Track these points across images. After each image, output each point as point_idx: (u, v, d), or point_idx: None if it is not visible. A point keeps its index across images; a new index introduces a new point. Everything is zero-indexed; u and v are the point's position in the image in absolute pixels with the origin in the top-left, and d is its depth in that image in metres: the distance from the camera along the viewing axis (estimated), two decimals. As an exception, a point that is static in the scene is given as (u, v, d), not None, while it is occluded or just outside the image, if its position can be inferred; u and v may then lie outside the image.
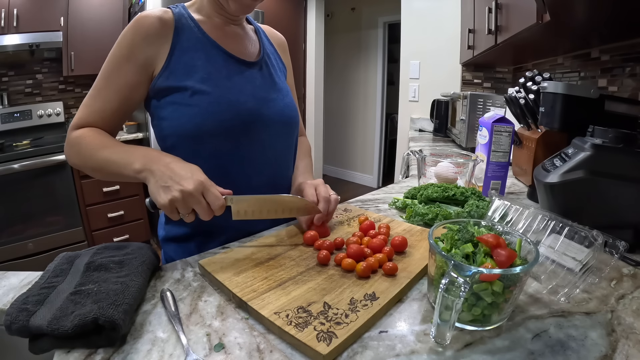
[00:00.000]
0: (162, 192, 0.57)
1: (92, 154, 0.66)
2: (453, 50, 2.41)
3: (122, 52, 0.67)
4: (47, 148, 2.29)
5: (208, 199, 0.58)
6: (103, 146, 0.66)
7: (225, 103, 0.70)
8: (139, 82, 0.69)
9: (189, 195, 0.56)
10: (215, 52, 0.72)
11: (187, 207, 0.57)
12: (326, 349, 0.40)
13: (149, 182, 0.59)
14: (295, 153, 0.88)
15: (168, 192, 0.56)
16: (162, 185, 0.57)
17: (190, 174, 0.58)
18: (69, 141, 0.69)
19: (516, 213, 0.63)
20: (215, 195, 0.58)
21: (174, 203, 0.56)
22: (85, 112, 0.69)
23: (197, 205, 0.57)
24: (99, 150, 0.65)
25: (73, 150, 0.68)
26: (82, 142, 0.67)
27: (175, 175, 0.58)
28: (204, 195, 0.58)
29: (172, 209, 0.57)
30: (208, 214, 0.58)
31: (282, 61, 0.89)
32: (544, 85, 0.89)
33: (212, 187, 0.59)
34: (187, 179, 0.57)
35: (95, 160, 0.66)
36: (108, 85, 0.68)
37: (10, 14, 2.26)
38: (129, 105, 0.71)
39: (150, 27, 0.67)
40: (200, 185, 0.57)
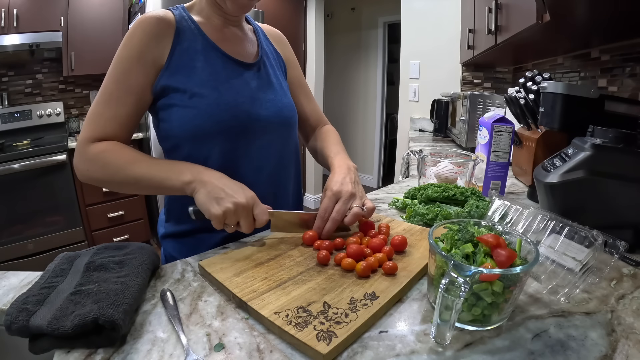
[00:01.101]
0: (215, 202, 0.60)
1: (124, 168, 0.65)
2: (453, 50, 2.41)
3: (131, 53, 0.67)
4: (47, 148, 2.29)
5: (255, 214, 0.62)
6: (136, 160, 0.66)
7: (223, 105, 0.70)
8: (149, 82, 0.69)
9: (242, 208, 0.60)
10: (214, 54, 0.73)
11: (236, 219, 0.61)
12: (326, 348, 0.40)
13: (198, 192, 0.62)
14: (296, 152, 0.88)
15: (222, 204, 0.60)
16: (215, 196, 0.60)
17: (242, 189, 0.63)
18: (87, 155, 0.66)
19: (516, 213, 0.63)
20: (263, 210, 0.63)
21: (226, 215, 0.60)
22: (100, 121, 0.67)
23: (245, 218, 0.61)
24: (132, 165, 0.65)
25: (96, 164, 0.66)
26: (109, 156, 0.65)
27: (228, 188, 0.62)
28: (253, 209, 0.62)
29: (222, 220, 0.60)
30: (251, 228, 0.63)
31: (282, 59, 0.89)
32: (544, 85, 0.89)
33: (260, 203, 0.63)
34: (240, 193, 0.61)
35: (127, 174, 0.65)
36: (119, 88, 0.67)
37: (10, 14, 2.26)
38: (141, 107, 0.70)
39: (156, 27, 0.68)
40: (251, 200, 0.62)
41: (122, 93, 0.67)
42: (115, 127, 0.68)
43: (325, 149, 0.86)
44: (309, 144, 0.97)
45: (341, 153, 0.82)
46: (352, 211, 0.68)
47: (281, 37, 0.93)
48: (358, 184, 0.74)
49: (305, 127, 0.96)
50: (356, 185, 0.72)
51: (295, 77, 0.92)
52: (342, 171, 0.74)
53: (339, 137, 0.92)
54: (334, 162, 0.78)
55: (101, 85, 0.68)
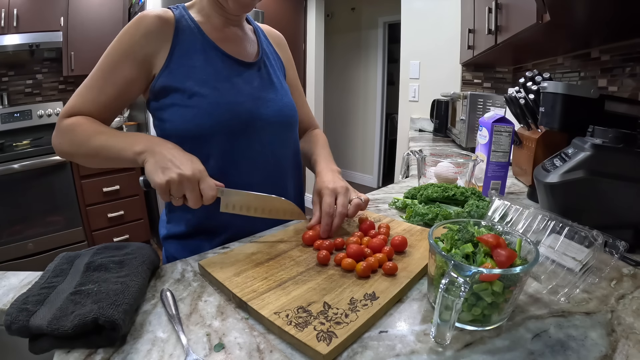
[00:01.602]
0: (160, 172, 0.58)
1: (88, 140, 0.66)
2: (453, 50, 2.41)
3: (121, 46, 0.68)
4: (47, 148, 2.29)
5: (201, 187, 0.60)
6: (99, 132, 0.66)
7: (223, 104, 0.70)
8: (135, 78, 0.69)
9: (186, 179, 0.58)
10: (214, 53, 0.73)
11: (181, 191, 0.59)
12: (326, 348, 0.40)
13: (147, 162, 0.61)
14: (297, 151, 0.88)
15: (166, 173, 0.58)
16: (161, 165, 0.59)
17: (190, 161, 0.60)
18: (60, 128, 0.68)
19: (516, 213, 0.63)
20: (210, 185, 0.60)
21: (169, 184, 0.58)
22: (79, 100, 0.69)
23: (190, 191, 0.59)
24: (95, 136, 0.66)
25: (65, 137, 0.68)
26: (77, 129, 0.67)
27: (176, 159, 0.60)
28: (199, 183, 0.60)
29: (165, 190, 0.58)
30: (197, 202, 0.60)
31: (281, 59, 0.89)
32: (544, 85, 0.89)
33: (208, 178, 0.61)
34: (187, 164, 0.59)
35: (90, 146, 0.66)
36: (104, 77, 0.69)
37: (10, 14, 2.26)
38: (123, 100, 0.71)
39: (151, 25, 0.68)
40: (198, 173, 0.60)
41: (105, 83, 0.69)
42: (91, 109, 0.69)
43: (311, 152, 0.88)
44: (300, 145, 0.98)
45: (327, 156, 0.85)
46: (354, 202, 0.70)
47: (281, 39, 0.93)
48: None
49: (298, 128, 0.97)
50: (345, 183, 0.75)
51: (292, 80, 0.92)
52: (328, 172, 0.77)
53: (327, 141, 0.95)
54: (320, 166, 0.81)
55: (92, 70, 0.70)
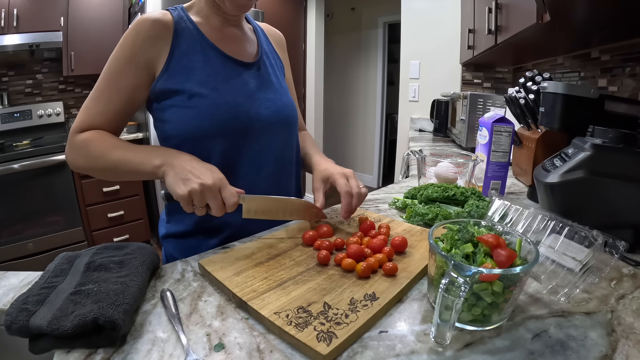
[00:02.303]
0: (181, 183, 0.60)
1: (104, 154, 0.67)
2: (453, 50, 2.41)
3: (123, 54, 0.68)
4: (47, 148, 2.29)
5: (223, 195, 0.61)
6: (115, 146, 0.67)
7: (223, 105, 0.71)
8: (140, 83, 0.70)
9: (208, 189, 0.60)
10: (213, 54, 0.73)
11: (203, 201, 0.60)
12: (326, 349, 0.40)
13: (167, 175, 0.62)
14: (297, 151, 0.88)
15: (188, 184, 0.59)
16: (182, 177, 0.60)
17: (210, 170, 0.62)
18: (74, 144, 0.69)
19: (516, 213, 0.63)
20: (231, 192, 0.62)
21: (191, 195, 0.59)
22: (88, 114, 0.70)
23: (212, 200, 0.60)
24: (112, 151, 0.67)
25: (80, 152, 0.68)
26: (91, 144, 0.67)
27: (196, 170, 0.61)
28: (220, 191, 0.61)
29: (188, 201, 0.60)
30: (221, 210, 0.61)
31: (281, 59, 0.89)
32: (544, 85, 0.89)
33: (228, 185, 0.62)
34: (207, 174, 0.61)
35: (107, 160, 0.67)
36: (110, 87, 0.69)
37: (10, 14, 2.26)
38: (131, 107, 0.72)
39: (151, 29, 0.68)
40: (219, 182, 0.61)
41: (111, 92, 0.69)
42: (102, 122, 0.70)
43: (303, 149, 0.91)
44: None
45: (320, 152, 0.89)
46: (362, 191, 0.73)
47: (281, 38, 0.93)
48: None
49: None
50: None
51: (287, 81, 0.92)
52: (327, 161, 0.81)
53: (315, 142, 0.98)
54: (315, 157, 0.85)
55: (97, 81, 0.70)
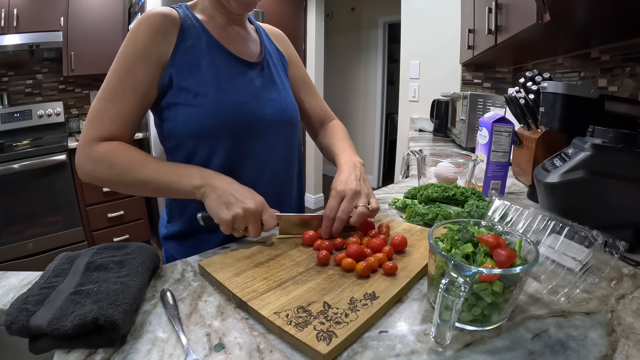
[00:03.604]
0: (224, 207, 0.61)
1: (131, 170, 0.64)
2: (453, 50, 2.41)
3: (135, 49, 0.66)
4: (47, 148, 2.29)
5: (264, 219, 0.63)
6: (144, 161, 0.65)
7: (227, 104, 0.70)
8: (153, 79, 0.68)
9: (251, 213, 0.61)
10: (218, 52, 0.73)
11: (245, 224, 0.62)
12: (326, 348, 0.40)
13: (208, 197, 0.62)
14: (299, 151, 0.88)
15: (231, 209, 0.60)
16: (224, 201, 0.61)
17: (251, 194, 0.63)
18: (92, 155, 0.65)
19: (516, 213, 0.63)
20: (272, 215, 0.63)
21: (235, 219, 0.60)
22: (105, 120, 0.66)
23: (253, 224, 0.62)
24: (140, 166, 0.65)
25: (101, 165, 0.65)
26: (117, 156, 0.65)
27: (238, 193, 0.62)
28: (262, 215, 0.63)
29: (231, 225, 0.61)
30: (258, 233, 0.63)
31: (284, 57, 0.89)
32: (544, 85, 0.89)
33: (269, 208, 0.64)
34: (249, 198, 0.62)
35: (134, 176, 0.65)
36: (124, 86, 0.66)
37: (10, 14, 2.26)
38: (145, 105, 0.69)
39: (161, 23, 0.68)
40: (260, 206, 0.63)
41: (127, 90, 0.66)
42: (120, 125, 0.66)
43: (332, 146, 0.86)
44: (317, 140, 0.97)
45: (347, 149, 0.81)
46: (358, 211, 0.67)
47: (282, 35, 0.93)
48: (365, 180, 0.73)
49: (312, 123, 0.96)
50: (362, 183, 0.71)
51: (299, 75, 0.91)
52: (347, 169, 0.73)
53: (346, 131, 0.92)
54: (340, 160, 0.78)
55: (104, 82, 0.67)
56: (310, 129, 0.98)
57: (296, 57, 0.93)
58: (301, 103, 0.91)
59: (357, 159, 0.78)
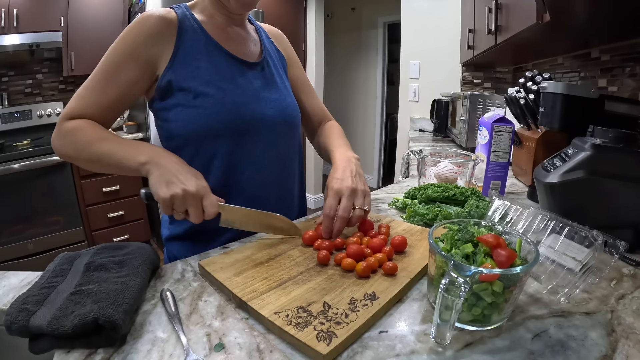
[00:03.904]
0: (164, 186, 0.59)
1: (90, 145, 0.65)
2: (453, 50, 2.41)
3: (124, 47, 0.68)
4: (47, 148, 2.29)
5: (204, 204, 0.61)
6: (102, 138, 0.66)
7: (228, 104, 0.70)
8: (138, 79, 0.69)
9: (191, 196, 0.59)
10: (217, 53, 0.73)
11: (184, 206, 0.60)
12: (326, 348, 0.40)
13: (151, 174, 0.61)
14: (300, 151, 0.88)
15: (171, 188, 0.59)
16: (165, 179, 0.60)
17: (195, 177, 0.62)
18: (61, 131, 0.68)
19: (516, 213, 0.63)
20: (212, 202, 0.61)
21: (173, 199, 0.59)
22: (81, 103, 0.68)
23: (193, 207, 0.60)
24: (98, 142, 0.65)
25: (66, 140, 0.67)
26: (79, 133, 0.66)
27: (181, 174, 0.61)
28: (202, 200, 0.61)
29: (169, 204, 0.59)
30: (199, 218, 0.61)
31: (284, 57, 0.89)
32: (544, 85, 0.89)
33: (211, 194, 0.62)
34: (191, 180, 0.60)
35: (92, 151, 0.66)
36: (106, 79, 0.68)
37: (10, 14, 2.26)
38: (125, 102, 0.71)
39: (155, 26, 0.68)
40: (202, 190, 0.61)
41: (107, 85, 0.68)
42: (93, 112, 0.68)
43: (327, 144, 0.86)
44: (314, 140, 0.97)
45: (342, 146, 0.81)
46: (355, 213, 0.67)
47: (282, 35, 0.93)
48: (360, 175, 0.72)
49: (309, 124, 0.96)
50: (357, 178, 0.71)
51: (297, 75, 0.92)
52: (342, 165, 0.73)
53: (342, 131, 0.92)
54: (335, 156, 0.78)
55: (93, 71, 0.69)
56: (308, 129, 0.98)
57: (295, 57, 0.93)
58: (300, 104, 0.91)
59: (351, 154, 0.77)
